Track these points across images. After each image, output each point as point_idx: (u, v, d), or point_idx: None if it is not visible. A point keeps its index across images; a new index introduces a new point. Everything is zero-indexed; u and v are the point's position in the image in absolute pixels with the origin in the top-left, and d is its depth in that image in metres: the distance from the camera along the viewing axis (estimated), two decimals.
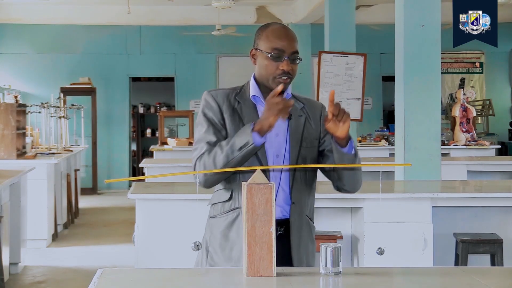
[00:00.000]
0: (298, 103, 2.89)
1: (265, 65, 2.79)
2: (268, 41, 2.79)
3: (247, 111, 2.82)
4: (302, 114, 2.87)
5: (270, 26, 2.85)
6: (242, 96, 2.85)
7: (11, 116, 7.85)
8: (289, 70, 2.77)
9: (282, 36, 2.79)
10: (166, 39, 14.01)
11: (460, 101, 10.54)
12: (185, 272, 2.57)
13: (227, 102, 2.83)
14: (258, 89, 2.85)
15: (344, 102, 8.25)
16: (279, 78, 2.78)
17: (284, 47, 2.77)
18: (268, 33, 2.81)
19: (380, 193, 4.78)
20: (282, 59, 2.77)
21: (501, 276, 2.58)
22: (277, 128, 2.80)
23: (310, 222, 2.89)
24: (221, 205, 2.85)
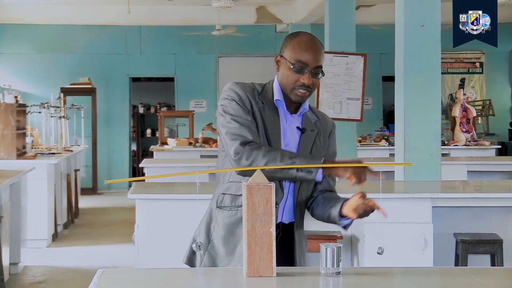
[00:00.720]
0: (313, 116, 2.88)
1: (286, 75, 2.77)
2: (293, 51, 2.75)
3: (269, 114, 2.79)
4: (314, 129, 2.86)
5: (299, 36, 2.80)
6: (265, 97, 2.81)
7: (11, 116, 7.85)
8: (310, 84, 2.75)
9: (308, 49, 2.75)
10: (166, 39, 14.01)
11: (460, 101, 10.54)
12: (185, 272, 2.57)
13: (253, 99, 2.80)
14: (281, 94, 2.81)
15: (344, 102, 8.25)
16: (297, 90, 2.76)
17: (308, 61, 2.74)
18: (295, 43, 2.77)
19: (380, 193, 4.78)
20: (304, 72, 2.74)
21: (501, 276, 2.58)
22: (289, 139, 2.81)
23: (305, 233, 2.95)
24: (232, 198, 2.80)
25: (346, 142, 8.91)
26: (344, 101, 8.24)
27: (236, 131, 2.70)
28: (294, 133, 2.81)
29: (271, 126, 2.77)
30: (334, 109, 8.23)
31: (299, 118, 2.84)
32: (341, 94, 8.23)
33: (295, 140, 2.81)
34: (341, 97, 8.24)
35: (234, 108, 2.75)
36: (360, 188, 2.69)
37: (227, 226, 2.81)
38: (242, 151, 2.67)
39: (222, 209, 2.83)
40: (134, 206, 4.74)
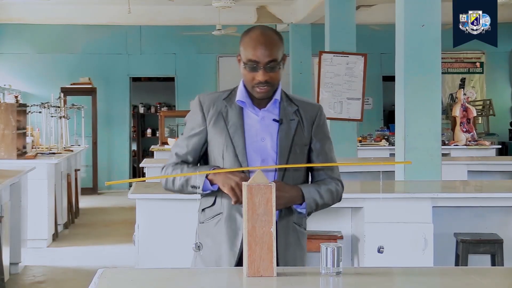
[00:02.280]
0: (292, 105, 2.84)
1: (244, 74, 2.77)
2: (245, 50, 2.74)
3: (232, 115, 2.80)
4: (294, 118, 2.82)
5: (249, 33, 2.77)
6: (230, 100, 2.83)
7: (11, 116, 7.85)
8: (266, 79, 2.72)
9: (258, 45, 2.71)
10: (167, 39, 14.01)
11: (461, 101, 10.54)
12: (185, 272, 2.57)
13: (213, 107, 2.83)
14: (245, 94, 2.81)
15: (345, 102, 8.25)
16: (257, 87, 2.75)
17: (259, 58, 2.70)
18: (245, 41, 2.75)
19: (380, 193, 4.79)
20: (258, 70, 2.71)
21: (501, 276, 2.58)
22: (264, 132, 2.79)
23: (298, 228, 2.86)
24: (208, 211, 2.87)
25: (346, 142, 8.91)
26: (345, 101, 8.24)
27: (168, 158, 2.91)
28: (271, 126, 2.80)
29: (233, 127, 2.78)
30: (335, 109, 8.23)
31: (277, 110, 2.82)
32: (341, 94, 8.23)
33: (272, 133, 2.79)
34: (341, 97, 8.24)
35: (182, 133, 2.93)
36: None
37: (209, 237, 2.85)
38: (161, 179, 2.90)
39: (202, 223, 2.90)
40: (134, 206, 4.74)
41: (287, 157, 2.78)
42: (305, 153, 2.84)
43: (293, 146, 2.79)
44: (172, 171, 2.84)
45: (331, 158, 2.88)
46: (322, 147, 2.86)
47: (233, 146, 2.78)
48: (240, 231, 2.77)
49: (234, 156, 2.77)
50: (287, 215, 2.81)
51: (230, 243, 2.79)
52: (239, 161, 2.77)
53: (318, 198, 2.79)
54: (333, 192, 2.85)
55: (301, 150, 2.82)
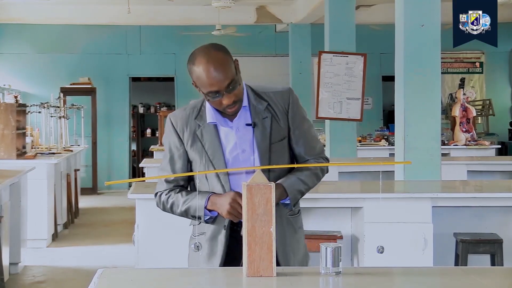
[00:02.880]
0: (261, 102, 2.79)
1: (209, 101, 2.73)
2: (200, 84, 2.68)
3: (207, 135, 2.79)
4: (267, 115, 2.79)
5: (195, 64, 2.66)
6: (201, 118, 2.80)
7: (11, 116, 7.85)
8: (233, 100, 2.68)
9: (211, 76, 2.62)
10: (166, 39, 14.01)
11: (460, 101, 10.54)
12: (185, 272, 2.57)
13: (187, 129, 2.81)
14: (214, 112, 2.77)
15: (344, 102, 8.25)
16: (227, 109, 2.71)
17: (218, 87, 2.64)
18: (197, 76, 2.67)
19: (380, 193, 4.78)
20: (221, 96, 2.66)
21: (501, 276, 2.58)
22: (243, 143, 2.77)
23: (290, 218, 2.86)
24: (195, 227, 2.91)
25: (346, 142, 8.91)
26: (344, 101, 8.24)
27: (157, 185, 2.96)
28: (247, 131, 2.77)
29: (209, 146, 2.77)
30: (334, 109, 8.23)
31: (247, 114, 2.78)
32: (341, 94, 8.23)
33: (249, 140, 2.77)
34: (341, 97, 8.23)
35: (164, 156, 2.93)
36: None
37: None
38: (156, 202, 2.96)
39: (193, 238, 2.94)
40: (134, 206, 4.73)
41: (268, 158, 2.77)
42: (285, 145, 2.83)
43: (271, 145, 2.77)
44: (168, 199, 2.87)
45: (311, 138, 2.86)
46: (300, 130, 2.84)
47: (213, 166, 2.78)
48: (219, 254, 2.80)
49: (216, 177, 2.78)
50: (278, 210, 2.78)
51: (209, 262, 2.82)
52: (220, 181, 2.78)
53: (301, 187, 2.79)
54: (317, 173, 2.85)
55: (281, 146, 2.80)
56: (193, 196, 2.80)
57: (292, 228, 2.86)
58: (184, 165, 2.85)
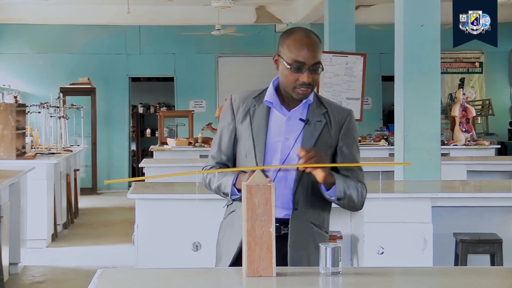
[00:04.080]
0: (321, 107, 2.84)
1: (286, 75, 2.76)
2: (289, 51, 2.74)
3: (258, 114, 2.83)
4: (322, 120, 2.82)
5: (293, 34, 2.78)
6: (260, 99, 2.86)
7: (10, 116, 7.85)
8: (310, 81, 2.74)
9: (304, 47, 2.73)
10: (166, 39, 14.01)
11: (460, 101, 10.54)
12: (185, 272, 2.57)
13: (243, 105, 2.86)
14: (274, 95, 2.83)
15: (344, 102, 8.25)
16: (299, 89, 2.75)
17: (305, 59, 2.72)
18: (290, 42, 2.75)
19: (380, 193, 4.79)
20: (303, 71, 2.72)
21: (501, 276, 2.58)
22: (288, 133, 2.80)
23: (316, 229, 2.83)
24: (228, 207, 2.94)
25: None
26: (344, 100, 8.24)
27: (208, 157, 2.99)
28: (298, 126, 2.81)
29: (256, 127, 2.81)
30: None
31: (305, 110, 2.83)
32: (340, 94, 8.23)
33: (298, 133, 2.80)
34: (340, 97, 8.24)
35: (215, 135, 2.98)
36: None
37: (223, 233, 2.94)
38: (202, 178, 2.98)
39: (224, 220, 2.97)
40: (134, 206, 4.73)
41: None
42: (329, 154, 2.82)
43: (316, 146, 2.78)
44: (207, 175, 2.91)
45: (355, 160, 2.88)
46: (348, 149, 2.86)
47: (253, 145, 2.80)
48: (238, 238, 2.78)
49: (254, 155, 2.80)
50: (302, 213, 2.80)
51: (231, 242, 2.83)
52: (256, 161, 2.79)
53: (346, 187, 2.77)
54: (358, 191, 2.82)
55: (325, 151, 2.79)
56: (227, 173, 2.82)
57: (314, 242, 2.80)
58: (230, 143, 2.89)
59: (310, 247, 2.80)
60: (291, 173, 2.79)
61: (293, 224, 2.78)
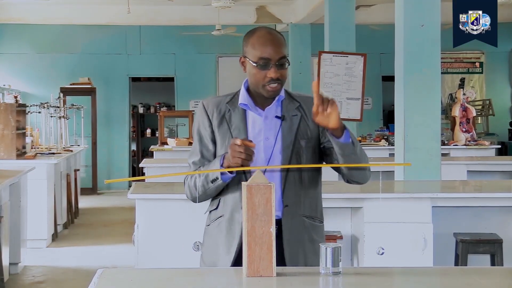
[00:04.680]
0: (294, 102, 2.88)
1: (253, 74, 2.79)
2: (253, 49, 2.77)
3: (235, 118, 2.83)
4: (297, 113, 2.86)
5: (255, 33, 2.82)
6: (233, 103, 2.86)
7: (11, 116, 7.85)
8: (278, 77, 2.76)
9: (267, 43, 2.76)
10: (166, 39, 14.01)
11: (460, 101, 10.54)
12: (185, 272, 2.57)
13: (217, 111, 2.86)
14: (247, 96, 2.85)
15: (344, 102, 8.25)
16: (268, 86, 2.77)
17: (270, 55, 2.75)
18: (253, 41, 2.79)
19: (380, 193, 4.78)
20: (269, 67, 2.75)
21: (501, 276, 2.58)
22: (268, 131, 2.82)
23: (308, 221, 2.84)
24: (213, 213, 2.90)
25: None
26: (344, 101, 8.20)
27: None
28: (275, 123, 2.83)
29: (236, 130, 2.82)
30: None
31: (278, 108, 2.85)
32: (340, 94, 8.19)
33: (276, 131, 2.81)
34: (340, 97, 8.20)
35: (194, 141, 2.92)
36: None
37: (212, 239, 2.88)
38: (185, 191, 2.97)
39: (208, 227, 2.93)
40: (134, 206, 4.73)
41: (290, 153, 2.80)
42: (312, 145, 2.85)
43: (296, 140, 2.81)
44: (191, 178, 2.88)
45: None
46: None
47: None
48: (237, 234, 2.78)
49: None
50: (293, 209, 2.80)
51: (227, 246, 2.81)
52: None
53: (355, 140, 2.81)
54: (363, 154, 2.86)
55: (307, 143, 2.83)
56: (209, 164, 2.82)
57: (308, 235, 2.83)
58: (212, 147, 2.88)
59: (304, 240, 2.82)
60: (277, 173, 2.80)
61: (286, 221, 2.78)
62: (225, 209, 2.83)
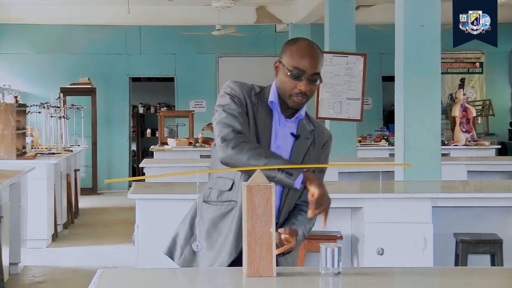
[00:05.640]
0: (309, 124, 2.88)
1: (284, 81, 2.77)
2: (291, 58, 2.75)
3: (262, 114, 2.81)
4: (309, 137, 2.86)
5: (298, 42, 2.80)
6: (261, 98, 2.83)
7: (11, 116, 7.85)
8: (307, 91, 2.75)
9: (306, 55, 2.74)
10: (166, 39, 14.01)
11: (460, 101, 10.54)
12: (185, 272, 2.57)
13: (249, 98, 2.82)
14: (277, 96, 2.82)
15: (344, 102, 8.25)
16: (295, 97, 2.76)
17: (306, 68, 2.73)
18: (293, 49, 2.77)
19: (380, 193, 4.78)
20: (302, 79, 2.74)
21: (501, 276, 2.58)
22: (280, 141, 2.81)
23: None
24: (218, 193, 2.85)
25: (346, 142, 8.91)
26: (344, 101, 8.23)
27: (226, 120, 2.73)
28: (287, 137, 2.82)
29: (262, 125, 2.80)
30: (334, 109, 8.23)
31: (295, 125, 2.85)
32: (341, 94, 8.23)
33: (287, 145, 2.82)
34: (341, 97, 8.24)
35: (227, 102, 2.78)
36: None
37: (211, 221, 2.85)
38: (230, 138, 2.69)
39: (208, 203, 2.88)
40: (134, 206, 4.73)
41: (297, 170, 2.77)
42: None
43: (303, 162, 2.81)
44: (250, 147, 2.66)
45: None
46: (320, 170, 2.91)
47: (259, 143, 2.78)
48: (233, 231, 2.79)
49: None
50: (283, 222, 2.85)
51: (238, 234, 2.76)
52: None
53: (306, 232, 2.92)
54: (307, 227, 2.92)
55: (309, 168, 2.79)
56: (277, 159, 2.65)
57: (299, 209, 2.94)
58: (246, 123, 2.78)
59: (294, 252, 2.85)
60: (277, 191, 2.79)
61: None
62: (238, 195, 2.77)
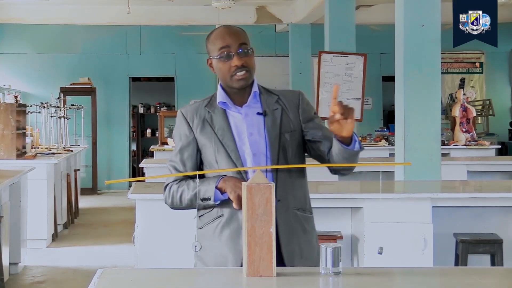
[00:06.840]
0: (272, 96, 2.89)
1: (219, 68, 2.84)
2: (214, 45, 2.85)
3: (217, 119, 2.85)
4: (277, 107, 2.87)
5: (214, 31, 2.90)
6: (212, 105, 2.88)
7: (11, 116, 7.85)
8: (243, 63, 2.80)
9: (225, 34, 2.84)
10: (166, 39, 14.02)
11: (460, 101, 10.54)
12: (185, 272, 2.57)
13: (197, 116, 2.87)
14: (225, 95, 2.87)
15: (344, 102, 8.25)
16: (235, 76, 2.80)
17: (229, 43, 2.81)
18: (212, 37, 2.89)
19: (380, 193, 4.79)
20: (232, 56, 2.80)
21: (501, 276, 2.58)
22: (251, 127, 2.83)
23: (299, 213, 2.85)
24: (206, 215, 2.86)
25: None
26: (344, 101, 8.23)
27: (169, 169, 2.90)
28: (257, 119, 2.83)
29: (220, 130, 2.83)
30: None
31: (258, 103, 2.86)
32: (341, 94, 8.22)
33: (260, 127, 2.82)
34: (341, 97, 8.23)
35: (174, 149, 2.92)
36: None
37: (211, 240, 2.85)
38: (164, 196, 2.90)
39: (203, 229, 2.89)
40: (134, 206, 4.74)
41: (278, 146, 2.81)
42: (296, 137, 2.86)
43: (281, 134, 2.82)
44: (178, 188, 2.85)
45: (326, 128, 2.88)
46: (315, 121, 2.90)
47: (224, 148, 2.81)
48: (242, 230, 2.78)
49: (227, 157, 2.80)
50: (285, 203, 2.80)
51: (233, 243, 2.78)
52: (233, 161, 2.79)
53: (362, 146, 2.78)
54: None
55: (291, 136, 2.84)
56: (203, 181, 2.79)
57: (301, 226, 2.85)
58: (193, 155, 2.87)
59: (298, 232, 2.83)
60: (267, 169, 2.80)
61: (280, 215, 2.76)
62: (222, 210, 2.81)
